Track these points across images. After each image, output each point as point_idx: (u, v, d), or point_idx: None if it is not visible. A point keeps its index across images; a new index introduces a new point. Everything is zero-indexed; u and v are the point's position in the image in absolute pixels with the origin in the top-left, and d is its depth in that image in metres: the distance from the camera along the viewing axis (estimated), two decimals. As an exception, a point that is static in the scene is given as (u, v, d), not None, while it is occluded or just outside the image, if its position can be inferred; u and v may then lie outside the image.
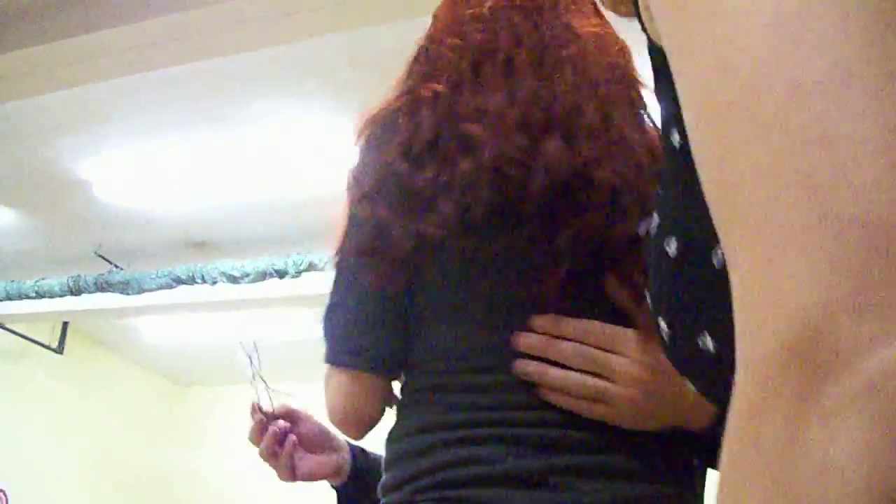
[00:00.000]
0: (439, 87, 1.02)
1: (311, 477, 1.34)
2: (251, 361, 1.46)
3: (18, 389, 7.82)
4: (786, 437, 0.31)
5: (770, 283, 0.34)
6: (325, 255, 5.19)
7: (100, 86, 4.11)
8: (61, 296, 6.25)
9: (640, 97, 1.08)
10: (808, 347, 0.31)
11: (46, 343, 7.78)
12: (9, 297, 6.48)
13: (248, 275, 5.42)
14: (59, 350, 7.85)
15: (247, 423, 1.35)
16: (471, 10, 1.09)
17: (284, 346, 7.47)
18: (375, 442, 1.18)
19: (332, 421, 1.11)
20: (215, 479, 8.96)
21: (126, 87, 4.20)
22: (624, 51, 1.10)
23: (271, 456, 1.31)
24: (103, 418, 8.54)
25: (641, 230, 0.84)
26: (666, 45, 0.46)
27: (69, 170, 5.35)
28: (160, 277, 5.74)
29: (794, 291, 0.32)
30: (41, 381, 7.95)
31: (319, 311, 1.27)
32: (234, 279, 5.49)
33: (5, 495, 7.63)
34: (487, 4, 1.08)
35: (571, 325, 0.93)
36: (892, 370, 0.29)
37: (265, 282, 5.50)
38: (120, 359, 8.64)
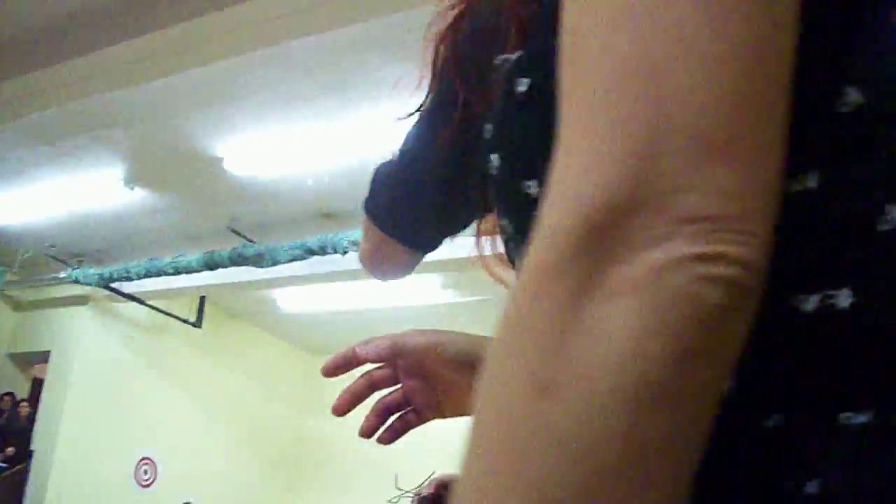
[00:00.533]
0: None
1: None
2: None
3: (161, 363, 8.12)
4: (568, 307, 0.34)
5: (583, 162, 0.36)
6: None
7: (226, 63, 4.20)
8: (198, 271, 6.43)
9: None
10: (603, 231, 0.34)
11: (185, 317, 8.05)
12: (148, 275, 6.71)
13: (377, 243, 5.47)
14: (198, 324, 8.11)
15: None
16: None
17: (414, 311, 7.57)
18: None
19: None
20: (349, 446, 9.11)
21: (251, 63, 4.29)
22: None
23: None
24: (242, 387, 8.81)
25: (497, 63, 0.81)
26: None
27: (201, 147, 5.51)
28: (292, 249, 5.85)
29: (602, 177, 0.35)
30: (182, 353, 8.24)
31: (450, 277, 1.25)
32: (363, 248, 5.55)
33: (153, 463, 7.98)
34: None
35: None
36: (670, 265, 0.33)
37: (394, 250, 5.54)
38: (256, 330, 8.88)
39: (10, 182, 6.38)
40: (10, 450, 7.69)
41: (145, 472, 7.92)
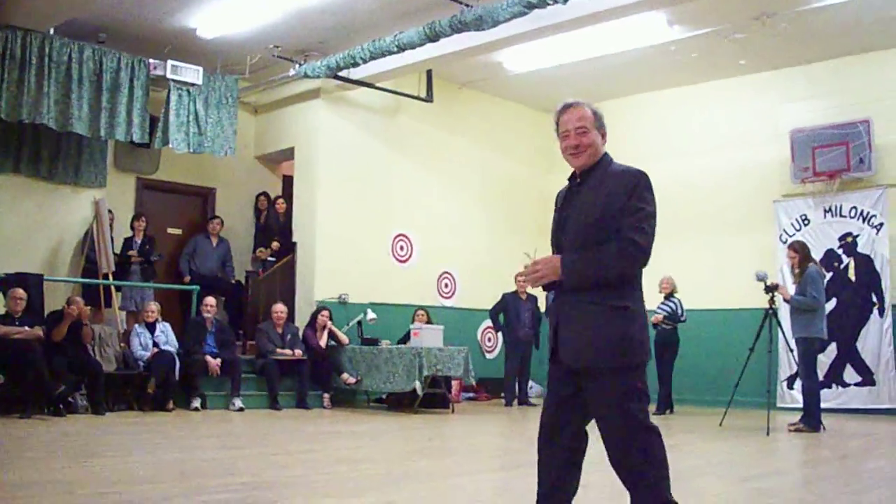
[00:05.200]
0: None
1: None
2: None
3: (399, 142, 8.64)
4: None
5: None
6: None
7: None
8: (421, 45, 6.65)
9: None
10: None
11: (416, 94, 8.34)
12: (373, 57, 7.00)
13: (600, -15, 5.42)
14: (429, 98, 8.46)
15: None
16: None
17: (640, 53, 7.54)
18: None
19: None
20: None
21: None
22: None
23: None
24: (479, 154, 9.39)
25: None
26: None
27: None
28: (511, 6, 5.94)
29: None
30: (417, 129, 8.71)
31: (677, 11, 1.30)
32: (586, -8, 5.51)
33: (409, 239, 8.52)
34: None
35: None
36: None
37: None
38: (487, 97, 9.14)
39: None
40: (275, 244, 8.37)
41: (401, 247, 8.47)
